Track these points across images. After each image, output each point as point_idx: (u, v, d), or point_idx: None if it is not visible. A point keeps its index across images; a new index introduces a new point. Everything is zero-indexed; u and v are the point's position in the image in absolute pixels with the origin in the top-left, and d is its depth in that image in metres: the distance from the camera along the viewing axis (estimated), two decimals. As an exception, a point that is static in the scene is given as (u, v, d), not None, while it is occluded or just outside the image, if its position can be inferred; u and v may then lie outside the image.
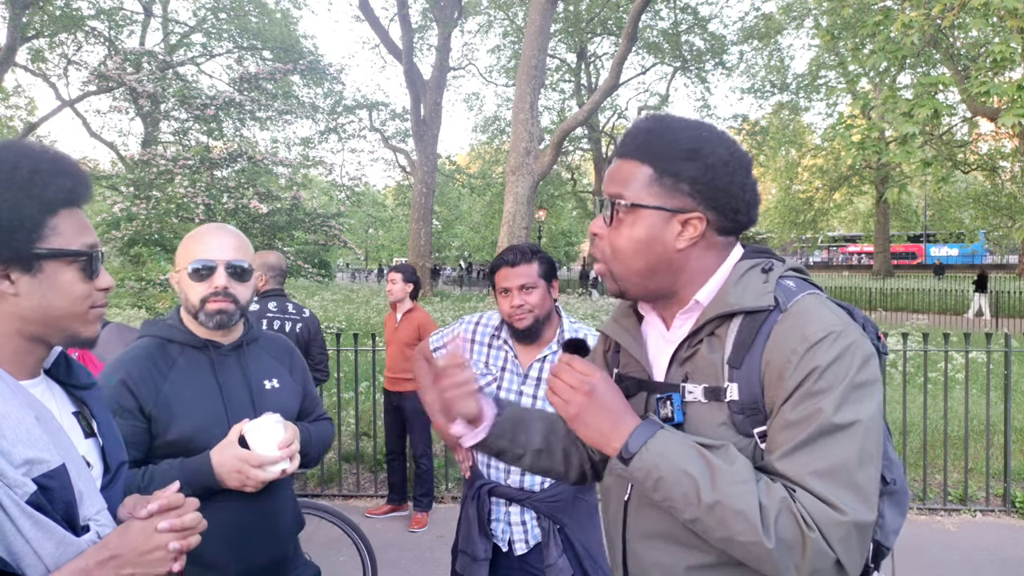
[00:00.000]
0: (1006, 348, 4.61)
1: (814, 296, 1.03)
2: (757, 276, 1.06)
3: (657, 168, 1.07)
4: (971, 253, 40.79)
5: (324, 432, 1.85)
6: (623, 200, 1.08)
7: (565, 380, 1.08)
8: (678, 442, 0.99)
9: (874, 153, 8.24)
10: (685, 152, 1.06)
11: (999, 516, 4.57)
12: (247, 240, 1.71)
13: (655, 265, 1.08)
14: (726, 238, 1.11)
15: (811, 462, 0.93)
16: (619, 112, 31.83)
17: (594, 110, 18.46)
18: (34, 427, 0.94)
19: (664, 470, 0.97)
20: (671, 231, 1.06)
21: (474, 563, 2.11)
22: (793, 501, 0.92)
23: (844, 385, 0.94)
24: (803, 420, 0.94)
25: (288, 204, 8.13)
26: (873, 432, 0.95)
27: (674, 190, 1.06)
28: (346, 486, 5.12)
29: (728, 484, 0.93)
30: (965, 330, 6.87)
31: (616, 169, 1.11)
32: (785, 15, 24.96)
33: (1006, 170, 24.60)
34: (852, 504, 0.92)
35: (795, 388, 0.96)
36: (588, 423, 1.05)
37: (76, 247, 1.01)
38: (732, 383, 1.02)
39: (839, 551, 0.91)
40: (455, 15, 21.88)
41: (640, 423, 1.03)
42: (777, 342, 0.98)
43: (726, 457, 0.96)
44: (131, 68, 7.98)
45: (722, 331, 1.05)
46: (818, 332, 0.96)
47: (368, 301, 19.72)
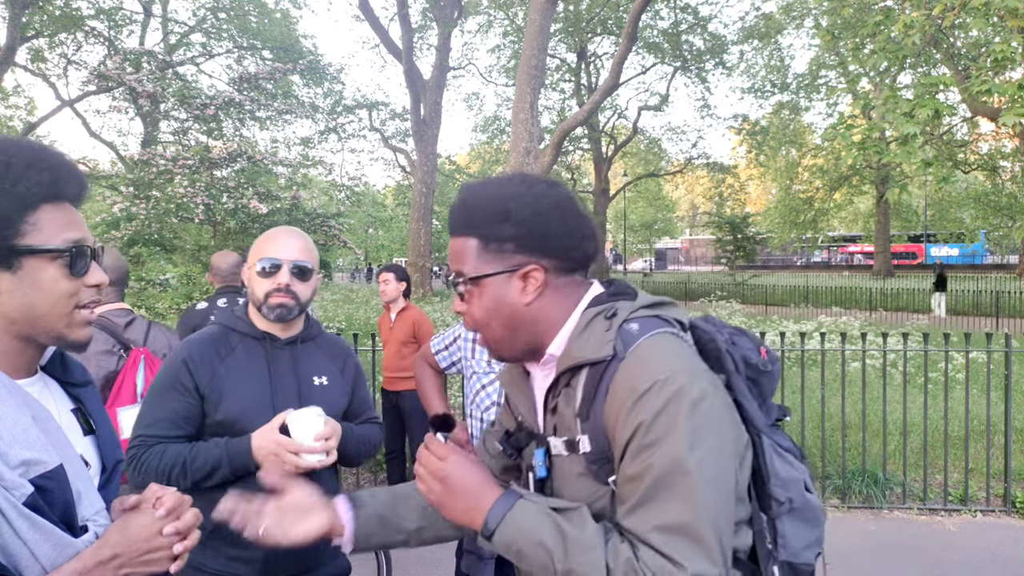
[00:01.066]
0: (1006, 348, 4.60)
1: (654, 338, 1.02)
2: (600, 324, 1.07)
3: (480, 237, 1.11)
4: (971, 253, 40.79)
5: (368, 434, 1.90)
6: (464, 275, 1.12)
7: (425, 467, 1.11)
8: (534, 512, 1.01)
9: (875, 153, 8.23)
10: (497, 215, 1.09)
11: (999, 516, 4.56)
12: (312, 244, 1.82)
13: (512, 324, 1.11)
14: (571, 278, 1.13)
15: (650, 518, 0.95)
16: (619, 112, 31.80)
17: (594, 110, 18.45)
18: (31, 427, 0.93)
19: (521, 543, 0.99)
20: (514, 289, 1.10)
21: (480, 562, 2.12)
22: (637, 560, 0.94)
23: (674, 434, 0.94)
24: (639, 475, 0.96)
25: (288, 204, 8.13)
26: (708, 478, 0.95)
27: (500, 252, 1.10)
28: (346, 486, 5.12)
29: (578, 552, 0.96)
30: (966, 330, 6.86)
31: (452, 248, 1.16)
32: (785, 15, 24.95)
33: (1006, 170, 24.60)
34: (692, 558, 0.92)
35: (628, 441, 0.97)
36: (449, 507, 1.08)
37: (57, 243, 0.98)
38: (583, 435, 1.05)
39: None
40: (455, 15, 21.87)
41: (498, 497, 1.04)
42: (613, 394, 1.00)
43: (578, 522, 0.98)
44: (131, 68, 7.98)
45: (575, 383, 1.07)
46: (644, 383, 0.97)
47: (368, 301, 19.71)
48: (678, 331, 1.07)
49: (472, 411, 2.24)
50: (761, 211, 37.91)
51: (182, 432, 1.67)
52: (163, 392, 1.69)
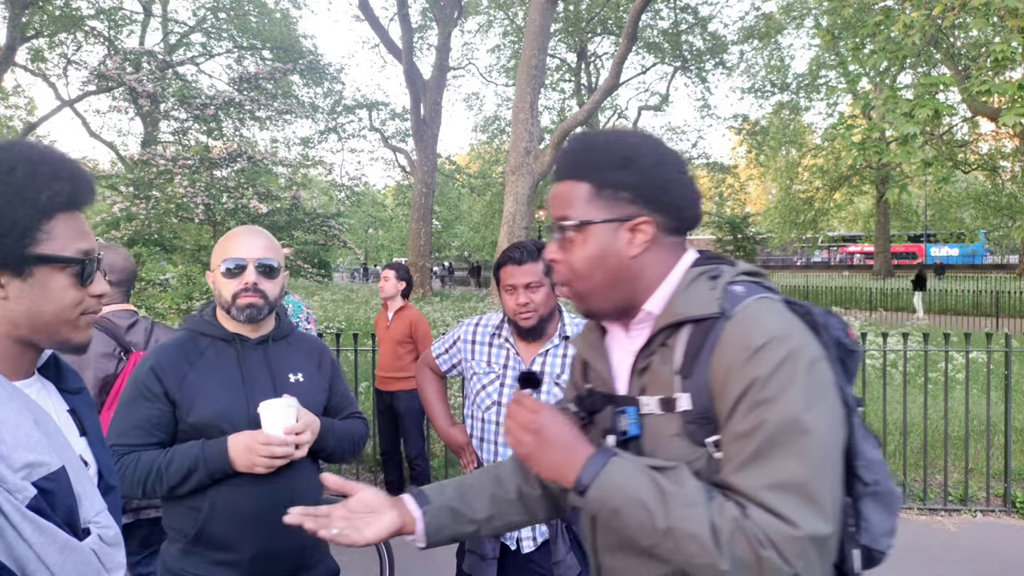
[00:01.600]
0: (1006, 348, 4.60)
1: (761, 300, 1.02)
2: (704, 283, 1.06)
3: (595, 182, 1.08)
4: (972, 253, 40.81)
5: (351, 428, 1.88)
6: (570, 220, 1.09)
7: (515, 420, 1.09)
8: (630, 469, 0.99)
9: (875, 153, 8.23)
10: (618, 161, 1.07)
11: (999, 516, 4.56)
12: (276, 242, 1.80)
13: (614, 276, 1.09)
14: (675, 238, 1.12)
15: (762, 475, 0.92)
16: (619, 112, 31.81)
17: (594, 110, 18.45)
18: (33, 430, 0.93)
19: (618, 500, 0.97)
20: (622, 240, 1.08)
21: (483, 562, 2.12)
22: (746, 518, 0.91)
23: (790, 391, 0.93)
24: (751, 431, 0.93)
25: (288, 204, 8.12)
26: (827, 438, 0.93)
27: (615, 200, 1.08)
28: (346, 486, 5.12)
29: (679, 508, 0.93)
30: (966, 330, 6.86)
31: (557, 192, 1.13)
32: (785, 15, 24.94)
33: (1006, 170, 24.60)
34: (806, 517, 0.90)
35: (740, 397, 0.95)
36: (540, 461, 1.06)
37: (70, 253, 0.98)
38: (683, 393, 1.02)
39: (796, 567, 0.89)
40: (455, 15, 21.87)
41: (592, 454, 1.02)
42: (722, 350, 0.98)
43: (677, 480, 0.96)
44: (131, 68, 7.97)
45: (672, 341, 1.05)
46: (759, 338, 0.95)
47: (367, 301, 19.72)
48: (779, 298, 1.06)
49: (473, 411, 2.24)
50: (761, 211, 37.93)
51: (154, 439, 1.65)
52: (132, 401, 1.67)
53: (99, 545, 0.98)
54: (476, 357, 2.24)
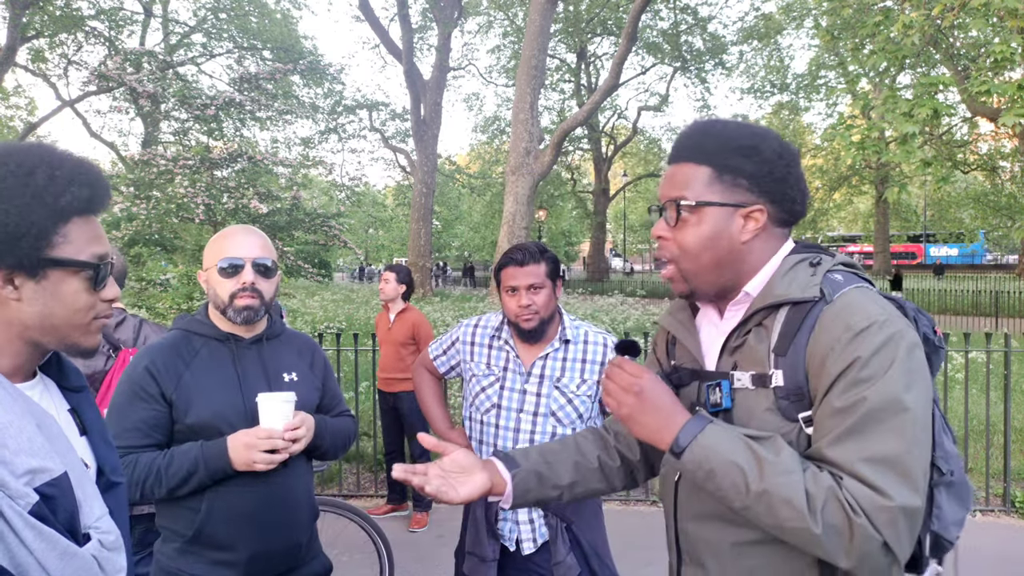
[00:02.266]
0: (1006, 348, 4.61)
1: (860, 289, 1.07)
2: (805, 269, 1.10)
3: (716, 167, 1.12)
4: (971, 253, 40.82)
5: (342, 427, 1.89)
6: (687, 200, 1.12)
7: (617, 382, 1.13)
8: (726, 435, 1.03)
9: (874, 153, 8.24)
10: (743, 148, 1.11)
11: (999, 516, 4.57)
12: (269, 241, 1.79)
13: (723, 258, 1.12)
14: (783, 229, 1.16)
15: (858, 449, 0.96)
16: (619, 112, 31.81)
17: (594, 110, 18.45)
18: (36, 435, 0.93)
19: (714, 462, 1.01)
20: (735, 225, 1.12)
21: (483, 564, 2.11)
22: (840, 488, 0.95)
23: (890, 372, 0.97)
24: (850, 407, 0.97)
25: (288, 204, 8.13)
26: (920, 418, 0.97)
27: (734, 186, 1.11)
28: (346, 486, 5.13)
29: (775, 474, 0.97)
30: (966, 330, 6.87)
31: (673, 173, 1.16)
32: (785, 15, 24.95)
33: (1006, 170, 24.60)
34: (899, 489, 0.94)
35: (840, 375, 0.99)
36: (640, 422, 1.10)
37: (84, 257, 0.98)
38: (777, 370, 1.06)
39: (886, 535, 0.94)
40: (455, 15, 21.87)
41: (690, 418, 1.07)
42: (822, 331, 1.02)
43: (772, 448, 1.00)
44: (131, 68, 7.98)
45: (769, 321, 1.10)
46: (862, 321, 1.00)
47: (368, 301, 19.72)
48: (875, 289, 1.10)
49: (471, 413, 2.23)
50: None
51: (152, 441, 1.63)
52: (128, 402, 1.64)
53: (99, 551, 0.97)
54: (475, 359, 2.23)
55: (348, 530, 2.96)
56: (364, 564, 3.41)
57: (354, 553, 3.61)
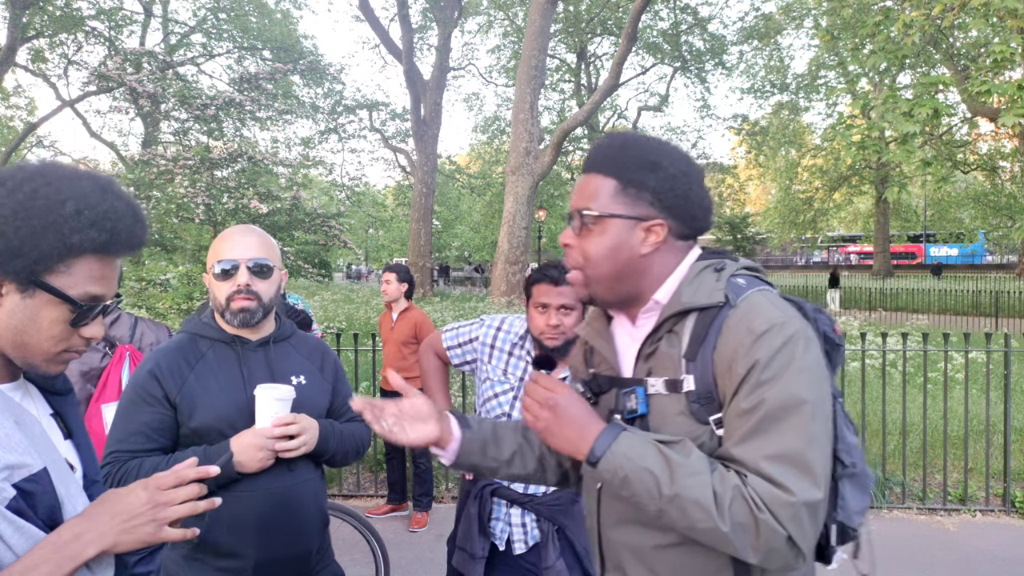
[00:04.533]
0: (1006, 348, 4.61)
1: (762, 292, 1.11)
2: (710, 275, 1.14)
3: (622, 180, 1.15)
4: (971, 253, 40.81)
5: (353, 432, 1.84)
6: (591, 211, 1.16)
7: (533, 398, 1.16)
8: (639, 442, 1.06)
9: (874, 153, 8.24)
10: (647, 164, 1.14)
11: (999, 516, 4.57)
12: (272, 240, 1.74)
13: (622, 269, 1.16)
14: (685, 242, 1.20)
15: (760, 447, 1.00)
16: (619, 112, 31.80)
17: (594, 110, 18.46)
18: (14, 432, 0.93)
19: (628, 469, 1.04)
20: (636, 237, 1.15)
21: (472, 560, 2.11)
22: (745, 486, 0.99)
23: (789, 372, 1.01)
24: (752, 408, 1.02)
25: (288, 204, 8.12)
26: (819, 414, 1.02)
27: (637, 200, 1.15)
28: (346, 486, 5.13)
29: (685, 477, 1.01)
30: (966, 330, 6.87)
31: (583, 183, 1.19)
32: (785, 15, 24.95)
33: (1006, 170, 24.62)
34: (800, 484, 0.98)
35: (744, 378, 1.03)
36: (557, 435, 1.13)
37: (74, 293, 0.96)
38: (688, 375, 1.10)
39: (790, 529, 0.98)
40: (455, 15, 21.88)
41: (604, 428, 1.10)
42: (727, 336, 1.07)
43: (682, 451, 1.04)
44: (131, 68, 7.98)
45: (679, 328, 1.13)
46: (762, 325, 1.04)
47: (368, 301, 19.73)
48: (776, 291, 1.15)
49: (481, 413, 2.22)
50: (761, 211, 37.90)
51: (156, 445, 1.61)
52: (133, 405, 1.62)
53: None
54: (493, 362, 2.18)
55: (343, 531, 2.96)
56: (360, 563, 3.41)
57: (353, 553, 3.61)
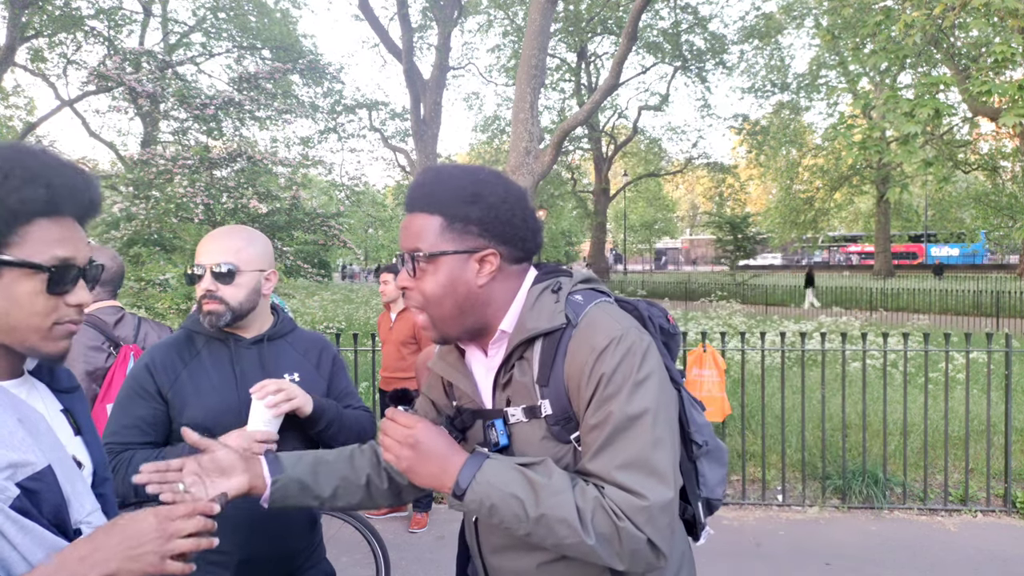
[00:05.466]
0: (1007, 348, 4.60)
1: (599, 305, 1.15)
2: (549, 298, 1.16)
3: (446, 216, 1.16)
4: (972, 253, 40.79)
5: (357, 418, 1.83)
6: (421, 252, 1.16)
7: (392, 436, 1.16)
8: (502, 468, 1.08)
9: (875, 153, 8.23)
10: (468, 197, 1.15)
11: (1000, 516, 4.56)
12: (243, 244, 1.71)
13: (463, 303, 1.17)
14: (519, 266, 1.22)
15: (611, 458, 1.05)
16: (620, 112, 31.77)
17: (594, 110, 18.43)
18: (16, 429, 0.92)
19: (494, 497, 1.06)
20: (470, 270, 1.16)
21: None
22: (604, 497, 1.04)
23: (629, 384, 1.06)
24: (601, 423, 1.06)
25: (288, 204, 8.11)
26: (661, 418, 1.08)
27: (464, 233, 1.16)
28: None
29: (549, 496, 1.04)
30: (967, 330, 6.85)
31: (408, 224, 1.19)
32: (785, 15, 24.93)
33: (1007, 170, 24.60)
34: (651, 487, 1.03)
35: (592, 395, 1.07)
36: (420, 472, 1.14)
37: (41, 259, 0.93)
38: (544, 400, 1.13)
39: (648, 532, 1.03)
40: (455, 15, 21.86)
41: (467, 459, 1.11)
42: (573, 356, 1.10)
43: (544, 472, 1.07)
44: (130, 68, 7.97)
45: (529, 354, 1.15)
46: (602, 341, 1.08)
47: (367, 301, 19.72)
48: (612, 300, 1.20)
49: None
50: (761, 211, 37.87)
51: (149, 438, 1.64)
52: (128, 399, 1.67)
53: None
54: None
55: (344, 532, 2.95)
56: (361, 564, 3.40)
57: (353, 554, 3.60)
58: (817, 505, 4.71)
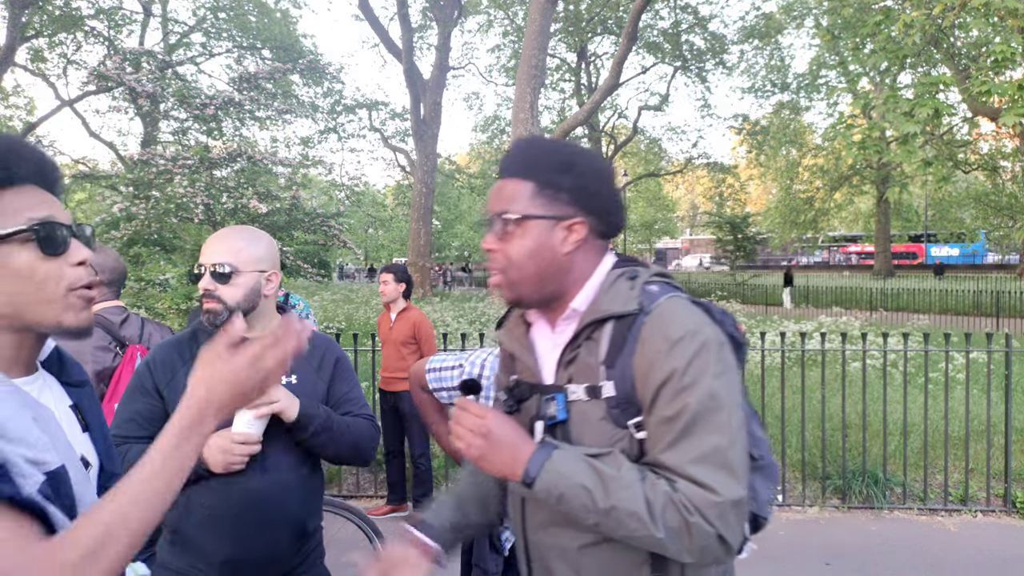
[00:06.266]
0: (1007, 348, 4.60)
1: (674, 299, 1.15)
2: (624, 284, 1.18)
3: (538, 182, 1.19)
4: (972, 253, 40.79)
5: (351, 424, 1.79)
6: (511, 214, 1.18)
7: (464, 425, 1.18)
8: (571, 459, 1.10)
9: (875, 152, 8.23)
10: (561, 165, 1.19)
11: (1000, 516, 4.56)
12: (243, 244, 1.70)
13: (546, 269, 1.19)
14: (602, 242, 1.25)
15: (686, 452, 1.05)
16: (619, 112, 31.78)
17: (594, 110, 18.44)
18: (32, 427, 0.92)
19: (563, 487, 1.08)
20: (557, 237, 1.19)
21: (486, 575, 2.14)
22: (675, 491, 1.04)
23: (706, 378, 1.06)
24: (675, 415, 1.07)
25: (288, 204, 8.11)
26: (736, 415, 1.08)
27: (555, 200, 1.18)
28: (346, 486, 5.11)
29: (618, 490, 1.05)
30: (967, 330, 6.85)
31: (499, 188, 1.23)
32: (785, 15, 24.93)
33: (1007, 170, 24.60)
34: (725, 483, 1.04)
35: (663, 384, 1.08)
36: (490, 461, 1.16)
37: (18, 224, 0.92)
38: (608, 381, 1.14)
39: (719, 527, 1.03)
40: (455, 14, 21.87)
41: (536, 448, 1.12)
42: (643, 343, 1.11)
43: (613, 464, 1.08)
44: (130, 68, 7.97)
45: (597, 335, 1.17)
46: (677, 332, 1.09)
47: (367, 301, 19.72)
48: (686, 297, 1.19)
49: None
50: (761, 211, 37.87)
51: (147, 433, 1.66)
52: (130, 394, 1.72)
53: None
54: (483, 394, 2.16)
55: (344, 532, 2.94)
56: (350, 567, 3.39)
57: (340, 556, 3.59)
58: (817, 505, 4.71)
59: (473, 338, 5.57)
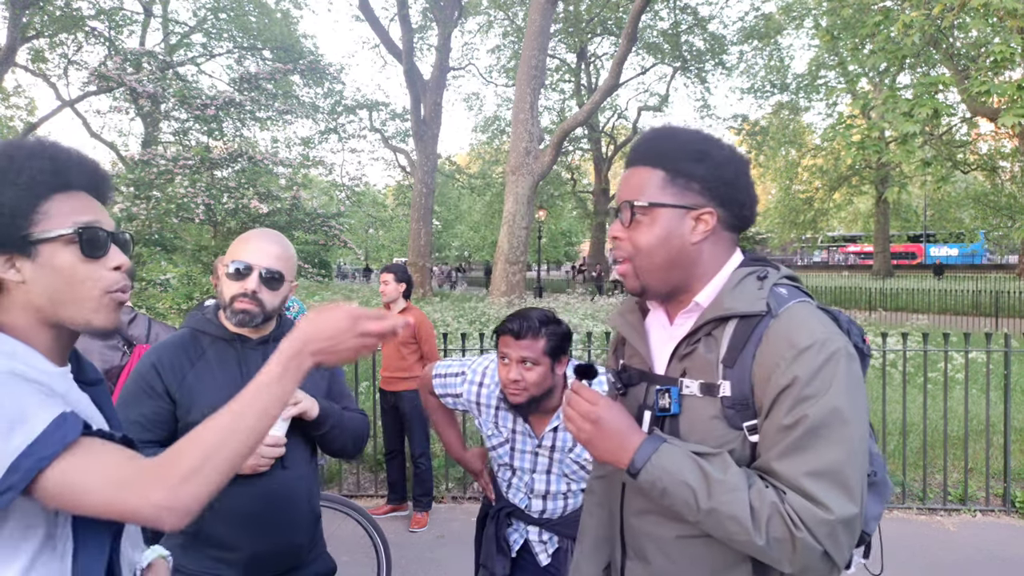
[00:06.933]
0: (1006, 348, 4.61)
1: (803, 304, 1.11)
2: (752, 283, 1.14)
3: (669, 170, 1.16)
4: (971, 253, 40.77)
5: (353, 418, 1.87)
6: (640, 202, 1.16)
7: (576, 409, 1.18)
8: (678, 455, 1.08)
9: (874, 153, 8.25)
10: (694, 154, 1.16)
11: (999, 516, 4.57)
12: (291, 253, 1.74)
13: (674, 258, 1.16)
14: (731, 235, 1.20)
15: (801, 463, 1.02)
16: (619, 112, 31.78)
17: (594, 110, 18.44)
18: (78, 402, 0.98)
19: (667, 482, 1.07)
20: (686, 226, 1.16)
21: None
22: (783, 503, 1.01)
23: (832, 390, 1.02)
24: (794, 424, 1.03)
25: (288, 204, 8.12)
26: (859, 431, 1.04)
27: (686, 189, 1.16)
28: (346, 486, 5.12)
29: (722, 493, 1.03)
30: (966, 330, 6.86)
31: (629, 176, 1.21)
32: (785, 15, 24.94)
33: (1006, 170, 24.60)
34: (838, 501, 1.00)
35: (783, 391, 1.04)
36: (598, 447, 1.16)
37: (65, 228, 0.98)
38: (725, 380, 1.11)
39: (826, 545, 1.00)
40: (455, 15, 21.87)
41: (644, 439, 1.12)
42: (767, 346, 1.07)
43: (720, 466, 1.06)
44: (131, 68, 7.98)
45: (718, 332, 1.14)
46: (805, 340, 1.04)
47: (368, 301, 19.72)
48: (815, 303, 1.16)
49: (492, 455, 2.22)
50: (761, 211, 37.82)
51: (153, 436, 1.66)
52: (134, 396, 1.69)
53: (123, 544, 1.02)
54: (483, 416, 2.15)
55: (347, 527, 2.96)
56: (361, 564, 3.41)
57: (354, 552, 3.61)
58: (816, 504, 4.72)
59: (473, 338, 5.58)
